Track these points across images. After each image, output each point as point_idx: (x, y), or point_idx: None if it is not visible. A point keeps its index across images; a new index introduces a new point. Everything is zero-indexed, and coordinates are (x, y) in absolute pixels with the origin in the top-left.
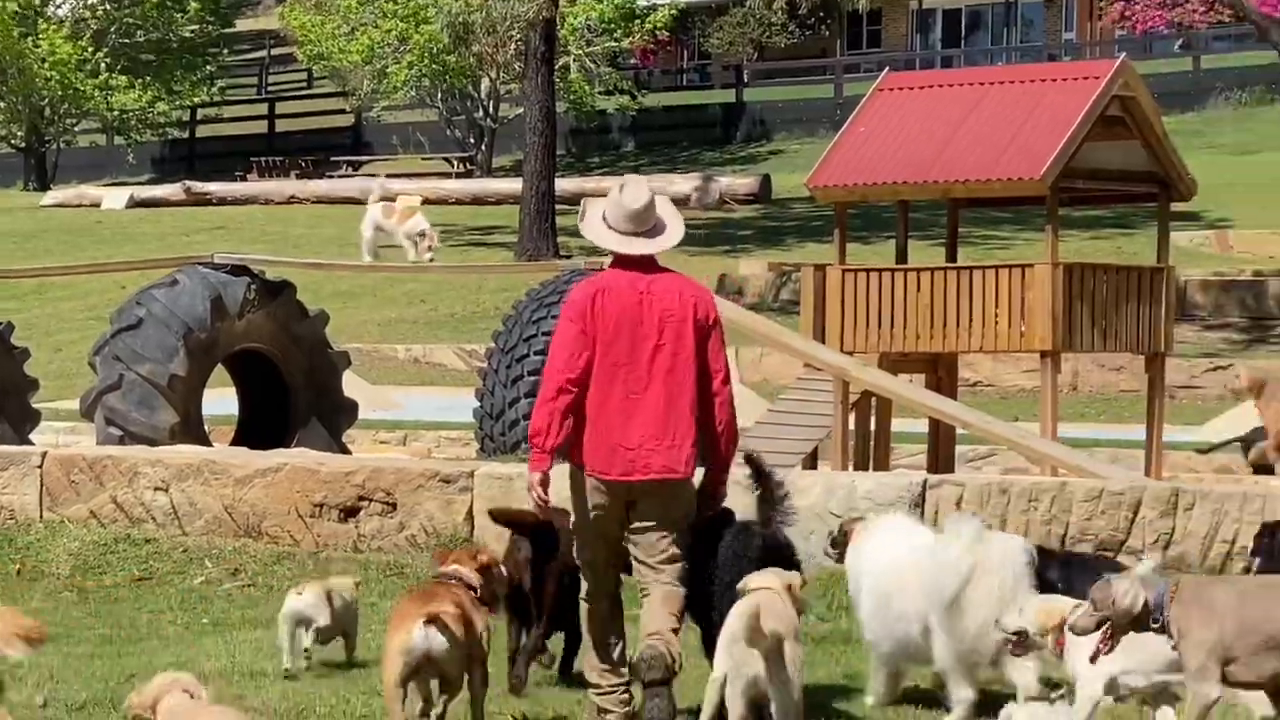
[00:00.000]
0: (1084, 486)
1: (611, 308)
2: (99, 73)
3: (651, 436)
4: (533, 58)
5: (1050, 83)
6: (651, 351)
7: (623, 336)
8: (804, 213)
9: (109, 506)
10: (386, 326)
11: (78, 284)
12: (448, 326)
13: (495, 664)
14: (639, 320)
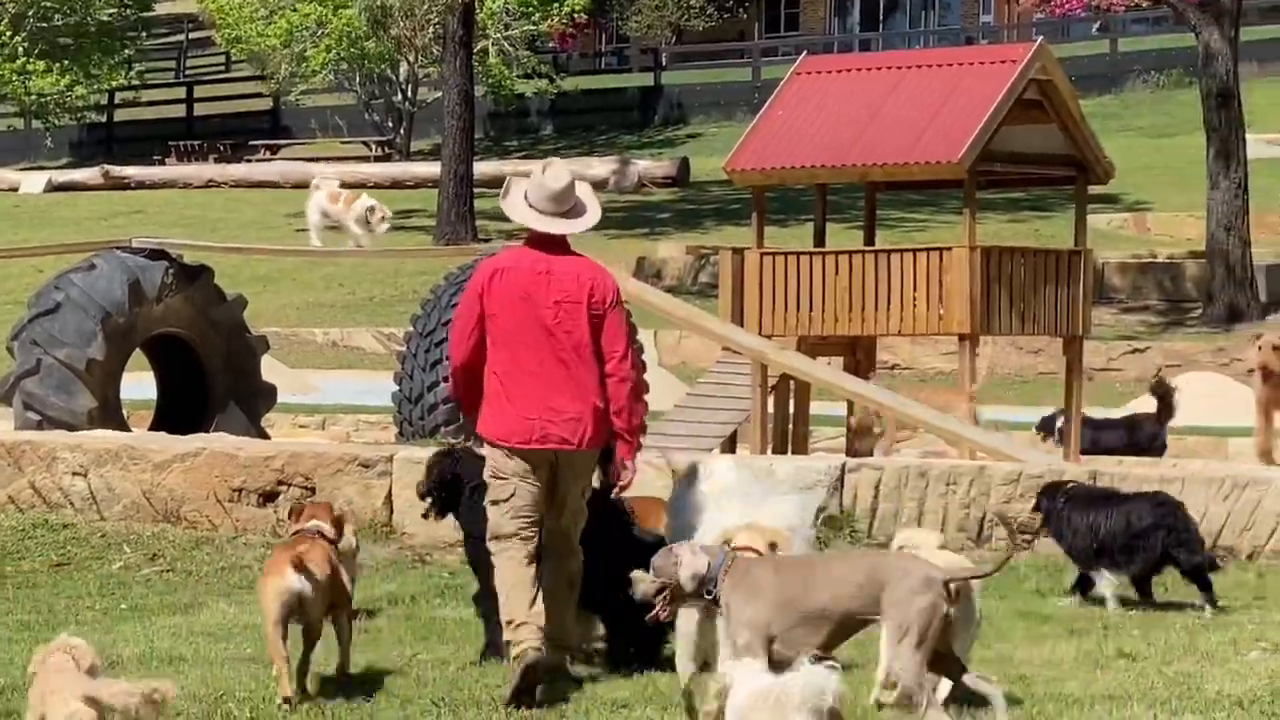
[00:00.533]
0: (1002, 469)
1: (508, 287)
2: (16, 57)
3: (548, 409)
4: (451, 41)
5: (968, 66)
6: (547, 330)
7: (516, 314)
8: (722, 196)
9: (27, 492)
10: (305, 310)
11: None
12: (366, 310)
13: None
14: (535, 300)
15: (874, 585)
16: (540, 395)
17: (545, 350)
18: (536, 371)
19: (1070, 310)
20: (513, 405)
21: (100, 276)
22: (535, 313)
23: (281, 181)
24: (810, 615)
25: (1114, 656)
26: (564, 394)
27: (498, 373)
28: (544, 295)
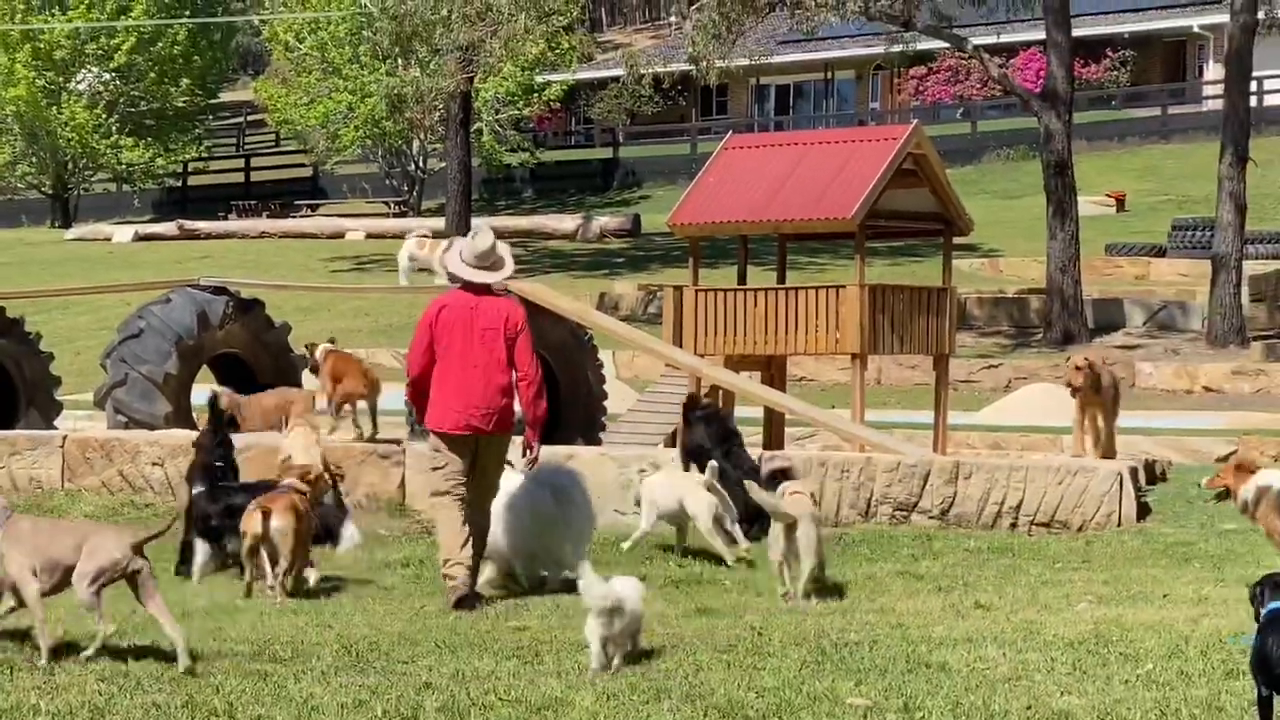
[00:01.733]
0: (885, 460)
1: (449, 318)
2: (110, 134)
3: (473, 405)
4: (452, 123)
5: (858, 144)
6: (475, 348)
7: (456, 338)
8: (666, 244)
9: (116, 479)
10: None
11: (92, 301)
12: (386, 334)
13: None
14: (468, 327)
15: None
16: (465, 396)
17: (471, 364)
18: (464, 379)
19: (939, 334)
20: (448, 404)
21: (175, 308)
22: (466, 336)
23: (319, 233)
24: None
25: (972, 607)
26: (482, 395)
27: (438, 380)
28: (473, 324)
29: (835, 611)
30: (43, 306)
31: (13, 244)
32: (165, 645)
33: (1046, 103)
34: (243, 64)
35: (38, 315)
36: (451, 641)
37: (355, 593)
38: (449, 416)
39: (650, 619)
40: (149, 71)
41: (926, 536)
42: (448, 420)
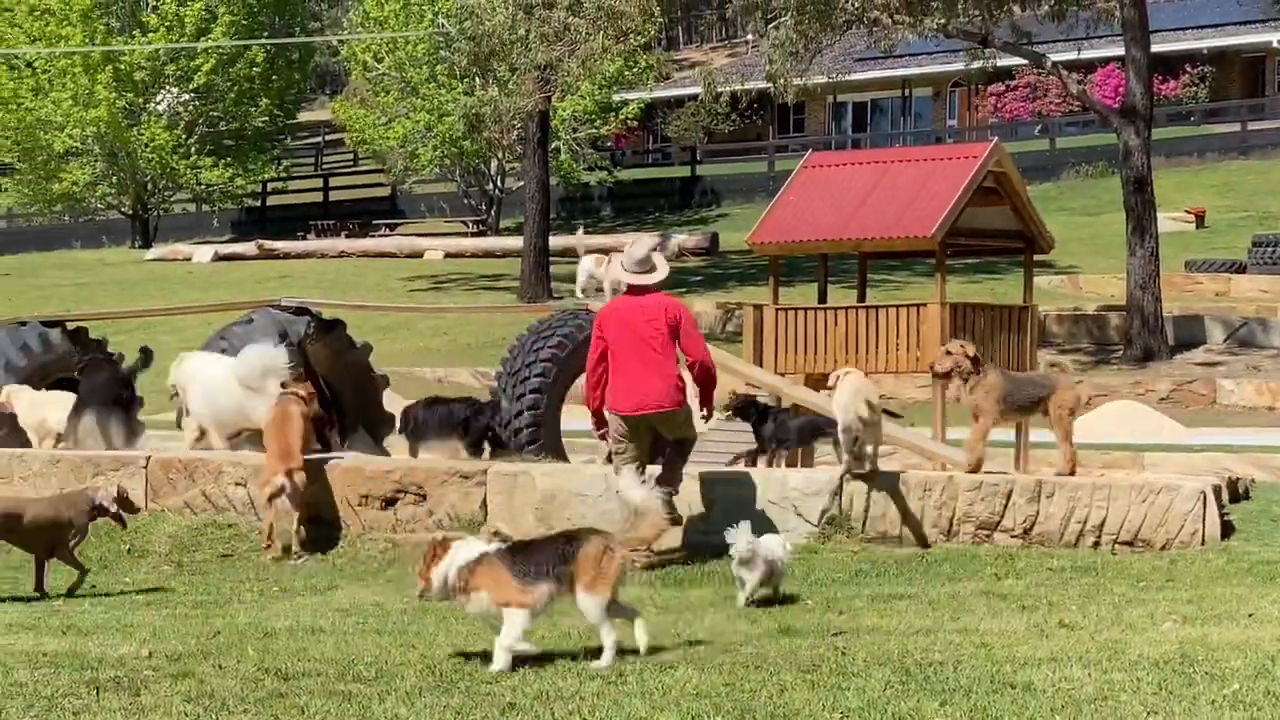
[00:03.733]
0: (967, 479)
1: (615, 320)
2: (190, 155)
3: (648, 390)
4: (530, 142)
5: (939, 161)
6: (643, 341)
7: (625, 335)
8: (744, 263)
9: (199, 499)
10: (417, 354)
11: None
12: (465, 354)
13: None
14: (634, 324)
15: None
16: (640, 382)
17: (641, 353)
18: (637, 367)
19: (1019, 352)
20: (626, 390)
21: (256, 328)
22: (635, 331)
23: (397, 252)
24: None
25: (1056, 627)
26: (656, 380)
27: (615, 371)
28: (637, 320)
29: (919, 631)
30: (123, 327)
31: (93, 265)
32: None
33: (1125, 119)
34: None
35: (119, 335)
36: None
37: (439, 613)
38: (628, 400)
39: (734, 639)
40: (228, 92)
41: (1009, 555)
42: (626, 403)
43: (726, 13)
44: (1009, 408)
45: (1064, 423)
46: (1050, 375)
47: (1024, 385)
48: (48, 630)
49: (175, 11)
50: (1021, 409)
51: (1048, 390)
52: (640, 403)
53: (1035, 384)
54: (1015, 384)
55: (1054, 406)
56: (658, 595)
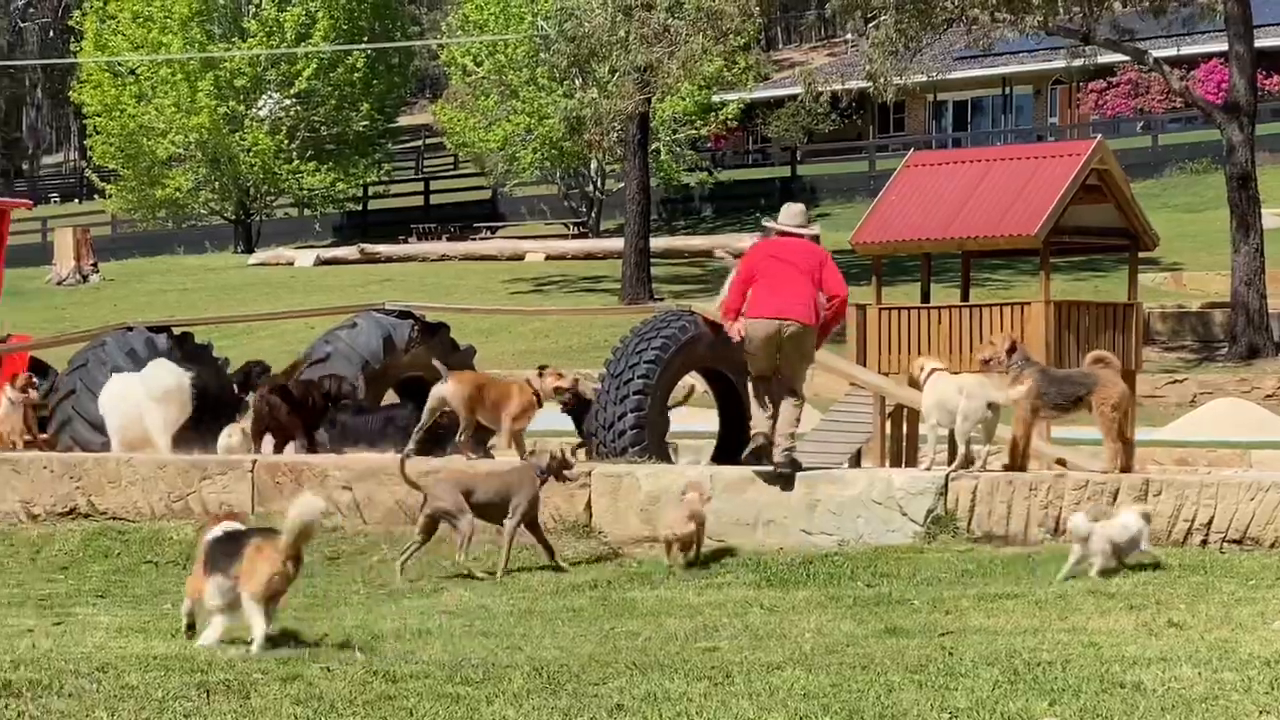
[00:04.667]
0: (1074, 478)
1: (763, 254)
2: (292, 160)
3: (784, 300)
4: (631, 143)
5: (1042, 159)
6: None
7: (772, 265)
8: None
9: None
10: (518, 356)
11: (276, 326)
12: (566, 356)
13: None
14: (780, 258)
15: None
16: (779, 294)
17: (784, 275)
18: (778, 284)
19: (1125, 350)
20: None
21: (361, 332)
22: (780, 262)
23: (499, 255)
24: None
25: (1165, 626)
26: (792, 295)
27: (757, 289)
28: (784, 256)
29: (1027, 631)
30: (227, 331)
31: (197, 270)
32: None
33: (1229, 114)
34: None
35: (222, 340)
36: (642, 663)
37: (545, 615)
38: (768, 305)
39: (840, 640)
40: (329, 97)
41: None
42: (767, 308)
43: (826, 12)
44: (1046, 405)
45: (1108, 420)
46: (1093, 372)
47: (1062, 383)
48: (158, 634)
49: (275, 17)
50: (1060, 407)
51: (1088, 388)
52: (780, 309)
53: (1075, 381)
54: (1053, 381)
55: (1097, 403)
56: (763, 595)
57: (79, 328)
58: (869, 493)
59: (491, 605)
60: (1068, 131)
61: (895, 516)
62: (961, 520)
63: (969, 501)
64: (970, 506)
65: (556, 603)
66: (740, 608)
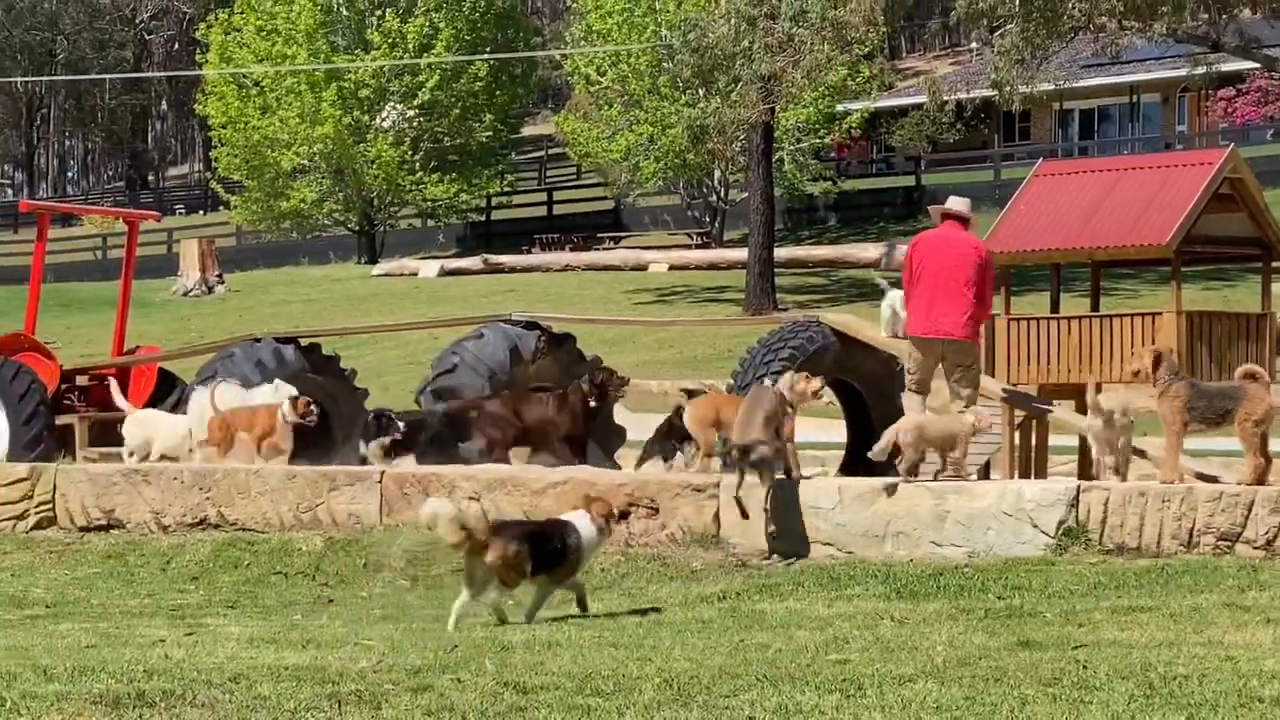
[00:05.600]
0: (1207, 489)
1: (926, 247)
2: (415, 171)
3: (940, 316)
4: (754, 153)
5: (1173, 168)
6: (947, 271)
7: (930, 262)
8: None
9: None
10: (644, 367)
11: (400, 337)
12: (691, 366)
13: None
14: (943, 253)
15: None
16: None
17: (941, 284)
18: (935, 296)
19: (1258, 360)
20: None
21: (488, 343)
22: (940, 260)
23: (622, 265)
24: None
25: None
26: (948, 309)
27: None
28: (948, 251)
29: (1162, 644)
30: (352, 342)
31: (321, 281)
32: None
33: None
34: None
35: (347, 350)
36: (773, 675)
37: (674, 626)
38: (922, 324)
39: (972, 652)
40: (452, 108)
41: (1252, 567)
42: (919, 326)
43: (950, 20)
44: (1195, 419)
45: (1248, 433)
46: (1241, 386)
47: (1213, 396)
48: (288, 644)
49: (398, 28)
50: (1209, 420)
51: (1236, 401)
52: (935, 327)
53: (1225, 395)
54: (1202, 394)
55: (1240, 417)
56: (893, 607)
57: (205, 339)
58: (999, 504)
59: (620, 616)
60: (1196, 140)
61: (1026, 528)
62: (1094, 532)
63: (1100, 513)
64: (1102, 518)
65: (685, 614)
66: (870, 620)
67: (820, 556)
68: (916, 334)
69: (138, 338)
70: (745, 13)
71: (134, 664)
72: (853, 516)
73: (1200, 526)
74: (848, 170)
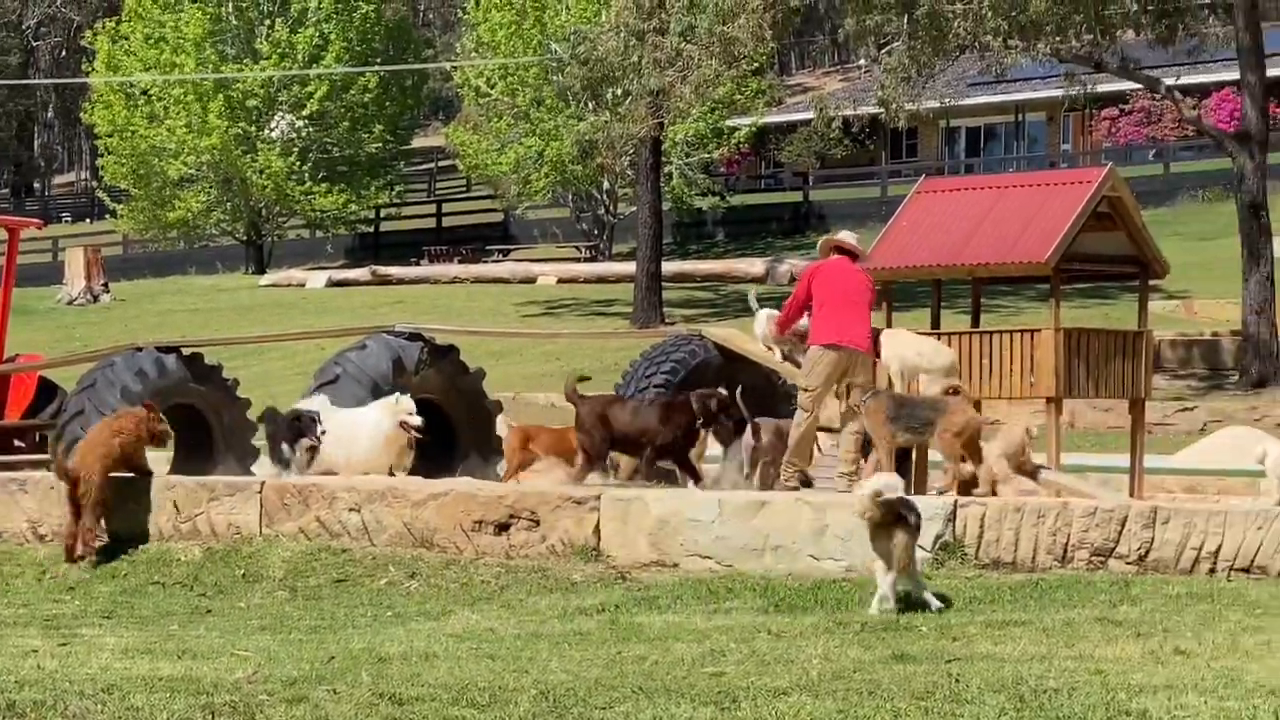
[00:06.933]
0: (1082, 505)
1: (826, 275)
2: (304, 181)
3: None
4: (643, 167)
5: (1053, 186)
6: (850, 297)
7: (834, 289)
8: None
9: (314, 524)
10: (529, 379)
11: (286, 347)
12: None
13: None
14: (843, 285)
15: None
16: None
17: (848, 302)
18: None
19: (1134, 378)
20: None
21: (370, 354)
22: (842, 289)
23: (510, 278)
24: None
25: (1171, 654)
26: (856, 324)
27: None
28: (846, 284)
29: (1034, 658)
30: (236, 352)
31: (208, 290)
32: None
33: (1240, 143)
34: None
35: (232, 361)
36: (649, 687)
37: (552, 638)
38: (835, 334)
39: (847, 666)
40: (342, 118)
41: (1124, 582)
42: (831, 335)
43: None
44: (899, 429)
45: (948, 443)
46: (942, 399)
47: (914, 407)
48: (163, 655)
49: (288, 39)
50: (913, 431)
51: (937, 413)
52: (847, 337)
53: (926, 406)
54: (903, 405)
55: (941, 428)
56: (770, 621)
57: (89, 347)
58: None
59: (498, 629)
60: (1080, 159)
61: None
62: (970, 547)
63: (977, 528)
64: (979, 533)
65: (564, 626)
66: (748, 633)
67: (699, 570)
68: (830, 341)
69: (20, 346)
70: (634, 27)
71: (5, 674)
72: (732, 530)
73: (1075, 542)
74: (736, 185)
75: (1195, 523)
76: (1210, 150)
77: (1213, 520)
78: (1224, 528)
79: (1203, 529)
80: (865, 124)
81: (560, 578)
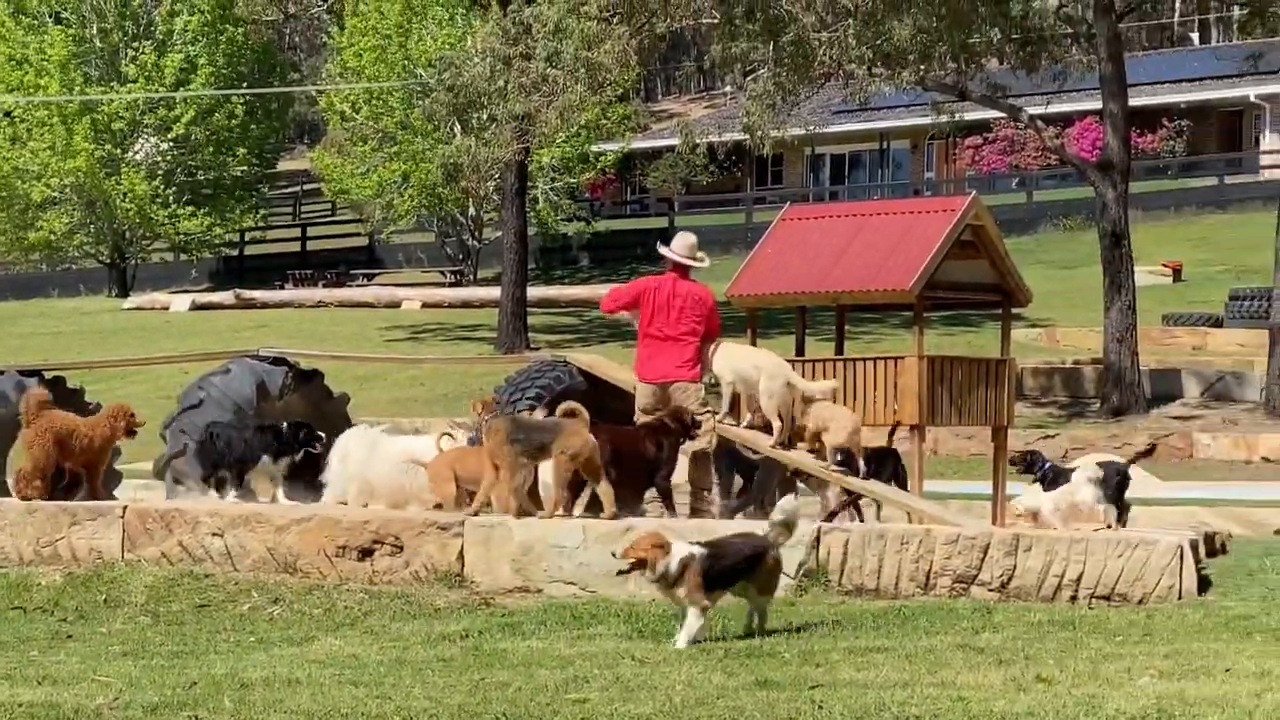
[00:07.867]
0: (945, 532)
1: (655, 290)
2: (168, 204)
3: (667, 365)
4: (508, 192)
5: (917, 214)
6: (671, 320)
7: (658, 308)
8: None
9: (176, 549)
10: (394, 404)
11: (149, 371)
12: (441, 404)
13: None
14: (668, 303)
15: None
16: (661, 359)
17: (666, 334)
18: (660, 346)
19: (997, 405)
20: (648, 362)
21: (234, 378)
22: (665, 309)
23: (375, 302)
24: None
25: (1033, 681)
26: (673, 359)
27: (643, 341)
28: (673, 301)
29: (896, 685)
30: (100, 376)
31: (70, 314)
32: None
33: (1102, 172)
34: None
35: (96, 385)
36: (512, 713)
37: (415, 665)
38: (649, 371)
39: (711, 692)
40: (207, 142)
41: (986, 609)
42: (649, 374)
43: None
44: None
45: (562, 466)
46: (559, 422)
47: (532, 431)
48: (23, 681)
49: (154, 62)
50: (530, 454)
51: (553, 435)
52: (661, 373)
53: (543, 430)
54: (521, 429)
55: (556, 450)
56: (634, 647)
57: None
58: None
59: (362, 655)
60: (944, 187)
61: None
62: (834, 573)
63: (841, 555)
64: (842, 560)
65: (427, 652)
66: (611, 659)
67: (563, 596)
68: (645, 379)
69: None
70: (500, 52)
71: None
72: (596, 556)
73: (937, 569)
74: (601, 211)
75: (1057, 550)
76: (1073, 179)
77: (1074, 548)
78: (1085, 555)
79: (1064, 556)
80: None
81: (424, 604)
